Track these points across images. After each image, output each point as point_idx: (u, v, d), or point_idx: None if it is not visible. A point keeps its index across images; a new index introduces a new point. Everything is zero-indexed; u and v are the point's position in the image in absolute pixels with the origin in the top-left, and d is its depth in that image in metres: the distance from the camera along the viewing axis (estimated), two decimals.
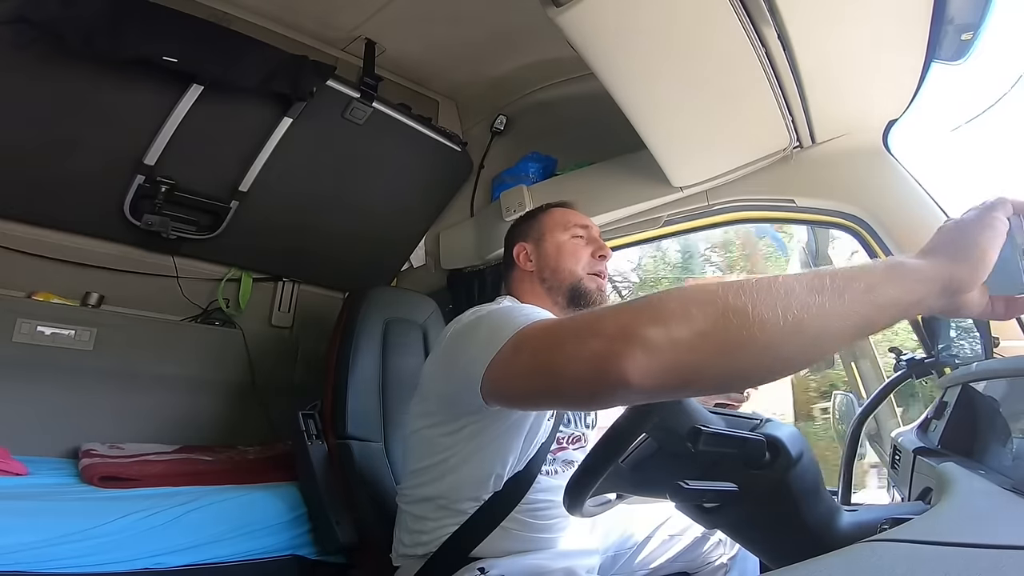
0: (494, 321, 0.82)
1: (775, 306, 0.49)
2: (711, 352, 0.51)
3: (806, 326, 0.49)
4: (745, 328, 0.49)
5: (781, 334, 0.49)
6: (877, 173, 1.41)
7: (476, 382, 0.77)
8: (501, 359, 0.73)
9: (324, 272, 2.34)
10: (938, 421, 0.94)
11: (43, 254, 1.77)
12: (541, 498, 1.04)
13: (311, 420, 1.56)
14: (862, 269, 0.53)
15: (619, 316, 0.56)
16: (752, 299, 0.50)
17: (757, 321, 0.49)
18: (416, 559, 1.04)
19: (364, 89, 1.79)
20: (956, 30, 1.14)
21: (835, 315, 0.50)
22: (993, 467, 0.70)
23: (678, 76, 1.26)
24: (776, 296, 0.50)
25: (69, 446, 1.68)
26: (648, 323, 0.53)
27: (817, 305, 0.49)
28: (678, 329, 0.51)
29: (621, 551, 1.24)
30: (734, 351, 0.51)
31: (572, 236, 1.26)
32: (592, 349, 0.56)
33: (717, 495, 0.67)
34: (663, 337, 0.52)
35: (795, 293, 0.50)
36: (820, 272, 0.52)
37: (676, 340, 0.51)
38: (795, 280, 0.51)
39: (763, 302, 0.50)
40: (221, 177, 1.82)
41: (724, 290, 0.52)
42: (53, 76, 1.43)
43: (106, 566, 1.18)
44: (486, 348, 0.75)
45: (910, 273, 0.53)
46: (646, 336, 0.52)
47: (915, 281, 0.53)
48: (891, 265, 0.54)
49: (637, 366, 0.52)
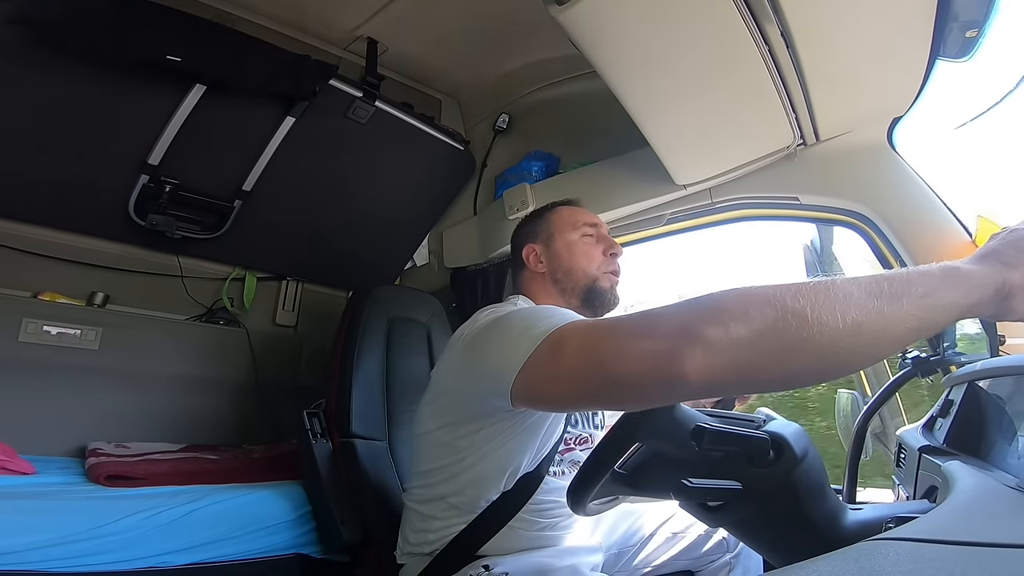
0: (520, 322, 0.82)
1: (834, 309, 0.51)
2: (770, 352, 0.53)
3: (864, 329, 0.51)
4: (804, 330, 0.51)
5: (840, 336, 0.51)
6: (882, 170, 1.41)
7: (505, 385, 0.77)
8: (537, 360, 0.73)
9: (328, 271, 2.34)
10: (943, 419, 0.94)
11: (49, 254, 1.78)
12: (547, 499, 1.05)
13: (316, 419, 1.57)
14: (919, 273, 0.54)
15: (678, 315, 0.58)
16: (811, 302, 0.52)
17: (816, 323, 0.51)
18: (422, 557, 1.04)
19: (367, 88, 1.80)
20: (961, 27, 1.13)
21: (893, 318, 0.51)
22: (999, 465, 0.70)
23: (680, 73, 1.26)
24: (835, 299, 0.51)
25: (75, 445, 1.69)
26: (708, 322, 0.54)
27: (876, 309, 0.51)
28: (737, 329, 0.53)
29: (624, 548, 1.24)
30: (793, 352, 0.52)
31: (582, 235, 1.24)
32: (651, 346, 0.58)
33: (721, 493, 0.67)
34: (723, 336, 0.53)
35: (853, 297, 0.51)
36: (878, 276, 0.54)
37: (735, 339, 0.53)
38: (853, 284, 0.53)
39: (822, 305, 0.51)
40: (225, 177, 1.83)
41: (783, 292, 0.53)
42: (57, 76, 1.43)
43: (112, 565, 1.19)
44: (516, 350, 0.75)
45: (965, 278, 0.54)
46: (706, 334, 0.54)
47: (971, 286, 0.54)
48: (947, 270, 0.55)
49: (697, 363, 0.54)
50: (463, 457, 0.99)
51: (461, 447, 0.99)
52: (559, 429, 1.07)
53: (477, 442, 0.98)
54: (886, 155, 1.41)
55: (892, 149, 1.41)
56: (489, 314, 0.98)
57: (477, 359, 0.90)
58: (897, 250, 1.36)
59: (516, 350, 0.76)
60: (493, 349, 0.84)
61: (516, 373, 0.75)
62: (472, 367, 0.92)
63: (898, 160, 1.40)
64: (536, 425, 0.99)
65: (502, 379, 0.77)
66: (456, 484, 1.01)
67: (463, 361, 0.96)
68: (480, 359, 0.88)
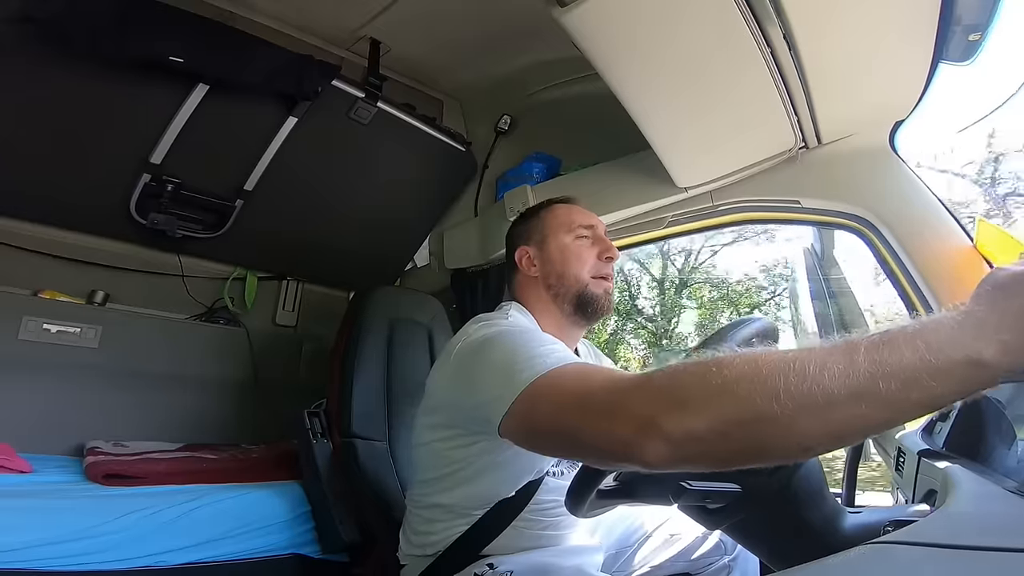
0: (506, 351, 0.83)
1: (812, 410, 0.49)
2: (731, 452, 0.54)
3: (844, 431, 0.50)
4: (774, 431, 0.51)
5: (815, 440, 0.51)
6: (884, 174, 1.40)
7: (492, 423, 0.78)
8: (521, 410, 0.74)
9: (328, 271, 2.35)
10: (943, 423, 0.94)
11: (49, 252, 1.79)
12: (548, 498, 1.04)
13: (316, 419, 1.57)
14: (899, 365, 0.46)
15: (642, 401, 0.59)
16: (788, 404, 0.49)
17: (786, 425, 0.50)
18: (424, 558, 1.04)
19: (369, 89, 1.80)
20: (964, 31, 1.13)
21: (886, 411, 0.48)
22: (998, 469, 0.69)
23: (682, 76, 1.25)
24: (806, 397, 0.49)
25: (74, 444, 1.69)
26: (670, 412, 0.56)
27: (860, 415, 0.48)
28: (699, 424, 0.54)
29: (623, 548, 1.24)
30: (759, 453, 0.54)
31: (576, 237, 1.18)
32: (614, 431, 0.60)
33: (720, 496, 0.67)
34: (681, 432, 0.55)
35: (832, 395, 0.48)
36: (854, 365, 0.48)
37: (697, 437, 0.54)
38: (823, 377, 0.48)
39: (799, 404, 0.49)
40: (226, 176, 1.83)
41: (752, 389, 0.51)
42: (59, 75, 1.43)
43: (110, 564, 1.19)
44: (503, 390, 0.77)
45: (957, 369, 0.45)
46: (667, 429, 0.55)
47: (962, 380, 0.46)
48: (934, 358, 0.46)
49: (658, 453, 0.56)
50: (462, 467, 0.99)
51: (459, 457, 0.99)
52: None
53: (472, 454, 0.98)
54: (888, 159, 1.41)
55: (894, 153, 1.40)
56: (479, 328, 0.97)
57: (467, 383, 0.90)
58: (898, 254, 1.35)
59: (503, 389, 0.77)
60: (483, 381, 0.84)
61: (501, 418, 0.76)
62: (464, 388, 0.91)
63: (900, 164, 1.39)
64: None
65: (493, 414, 0.78)
66: (456, 493, 1.01)
67: (454, 378, 0.95)
68: (474, 384, 0.87)
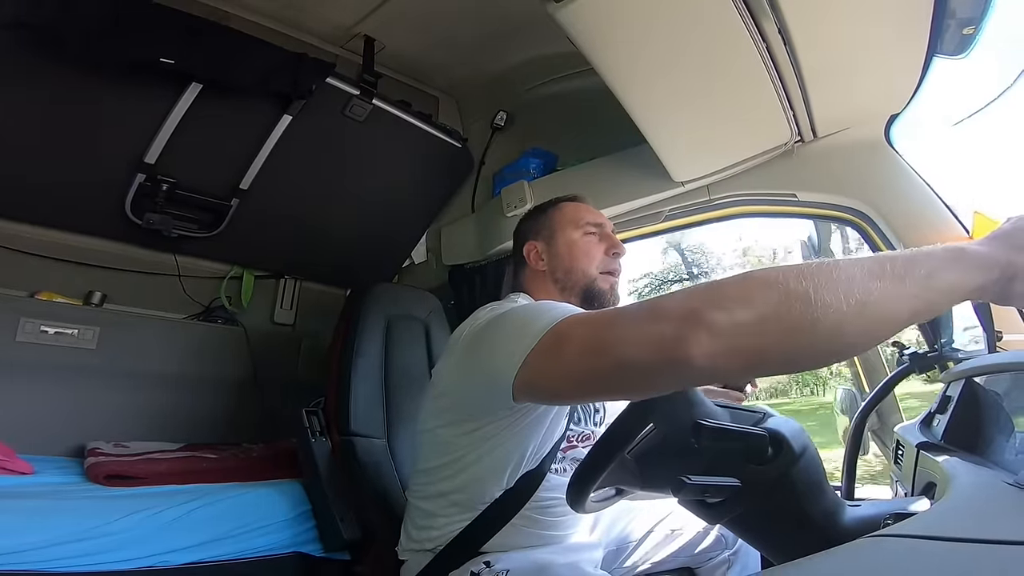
0: (522, 316, 0.82)
1: (837, 290, 0.51)
2: (773, 335, 0.54)
3: (868, 310, 0.51)
4: (808, 312, 0.52)
5: (843, 318, 0.51)
6: (879, 167, 1.41)
7: (507, 379, 0.77)
8: (541, 352, 0.73)
9: (325, 269, 2.34)
10: (941, 416, 0.94)
11: (46, 254, 1.77)
12: (549, 495, 1.04)
13: (315, 417, 1.57)
14: (924, 254, 0.54)
15: (682, 301, 0.59)
16: (814, 284, 0.52)
17: (819, 305, 0.51)
18: (424, 553, 1.04)
19: (364, 86, 1.79)
20: (958, 24, 1.13)
21: (896, 299, 0.52)
22: (996, 462, 0.70)
23: (678, 70, 1.25)
24: (838, 280, 0.52)
25: (74, 445, 1.68)
26: (712, 307, 0.55)
27: (879, 290, 0.51)
28: (741, 313, 0.54)
29: (623, 544, 1.25)
30: (796, 334, 0.53)
31: (584, 233, 1.22)
32: (656, 331, 0.58)
33: (720, 490, 0.67)
34: (727, 320, 0.54)
35: (856, 279, 0.52)
36: (881, 257, 0.55)
37: (739, 323, 0.54)
38: (856, 265, 0.53)
39: (825, 286, 0.52)
40: (222, 175, 1.82)
41: (785, 275, 0.54)
42: (53, 78, 1.43)
43: (112, 564, 1.19)
44: (518, 344, 0.75)
45: (970, 259, 0.55)
46: (711, 319, 0.55)
47: (975, 267, 0.54)
48: (952, 251, 0.55)
49: (702, 348, 0.54)
50: (464, 455, 0.99)
51: (462, 445, 0.99)
52: (561, 426, 1.07)
53: (477, 440, 0.97)
54: (883, 152, 1.41)
55: (889, 146, 1.41)
56: (489, 311, 0.98)
57: (478, 356, 0.90)
58: (894, 246, 1.36)
59: (518, 345, 0.76)
60: (494, 345, 0.84)
61: (518, 368, 0.75)
62: (473, 364, 0.92)
63: (895, 156, 1.40)
64: (537, 423, 0.98)
65: (504, 374, 0.77)
66: (457, 481, 1.01)
67: (463, 359, 0.95)
68: (481, 356, 0.88)
